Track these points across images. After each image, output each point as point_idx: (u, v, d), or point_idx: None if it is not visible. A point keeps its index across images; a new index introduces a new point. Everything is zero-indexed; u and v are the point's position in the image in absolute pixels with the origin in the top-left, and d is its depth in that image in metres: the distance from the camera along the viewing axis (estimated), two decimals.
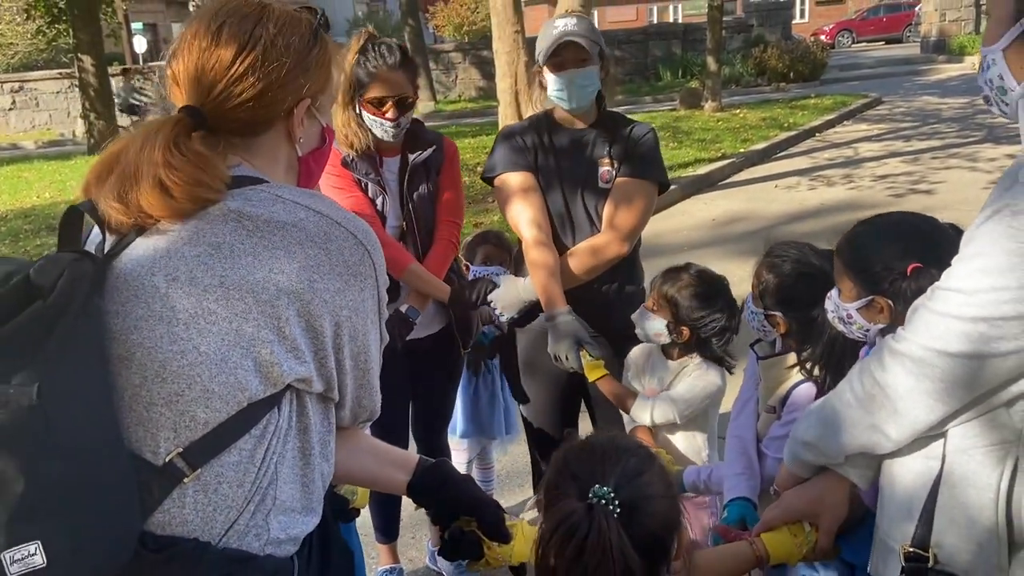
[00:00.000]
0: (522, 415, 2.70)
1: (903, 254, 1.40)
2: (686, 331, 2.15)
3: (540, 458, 2.67)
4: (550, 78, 2.31)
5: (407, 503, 2.95)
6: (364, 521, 2.42)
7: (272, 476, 1.05)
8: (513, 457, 3.36)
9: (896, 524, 1.17)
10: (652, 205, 2.39)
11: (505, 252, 2.95)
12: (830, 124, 12.04)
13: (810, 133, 11.34)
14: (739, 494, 1.83)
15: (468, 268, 2.92)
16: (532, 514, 2.43)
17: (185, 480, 1.00)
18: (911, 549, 1.12)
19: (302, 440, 1.10)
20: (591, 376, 2.23)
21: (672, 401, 2.16)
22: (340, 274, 1.07)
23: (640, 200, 2.34)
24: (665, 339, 2.18)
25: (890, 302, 1.40)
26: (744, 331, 2.08)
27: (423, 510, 2.37)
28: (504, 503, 1.72)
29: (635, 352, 2.36)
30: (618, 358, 2.35)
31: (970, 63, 19.05)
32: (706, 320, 2.13)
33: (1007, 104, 1.09)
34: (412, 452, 1.44)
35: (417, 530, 3.06)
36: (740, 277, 2.31)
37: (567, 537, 1.04)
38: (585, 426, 2.67)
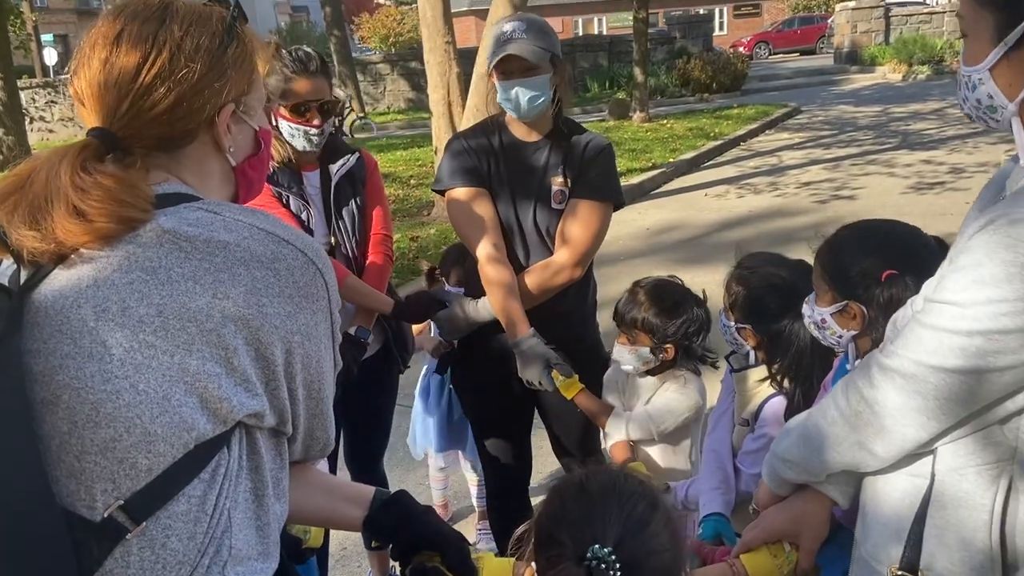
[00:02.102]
0: (473, 431, 2.63)
1: (880, 261, 1.39)
2: (670, 348, 2.11)
3: (492, 474, 2.61)
4: (498, 85, 2.22)
5: (337, 535, 2.90)
6: None
7: (226, 523, 0.95)
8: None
9: (882, 545, 1.14)
10: (607, 225, 2.33)
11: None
12: (753, 133, 12.37)
13: (735, 142, 11.62)
14: (714, 509, 1.80)
15: (443, 282, 2.86)
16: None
17: (128, 536, 0.89)
18: (899, 572, 1.08)
19: (254, 480, 1.00)
20: (568, 394, 2.18)
21: (649, 417, 2.12)
22: (290, 296, 0.97)
23: (595, 221, 2.28)
24: (654, 363, 2.14)
25: (863, 308, 1.39)
26: (722, 342, 2.06)
27: (363, 538, 2.26)
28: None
29: (612, 370, 2.31)
30: (581, 375, 2.29)
31: (881, 73, 19.91)
32: (683, 327, 2.10)
33: (997, 120, 1.08)
34: (365, 486, 1.35)
35: (363, 559, 2.95)
36: None
37: None
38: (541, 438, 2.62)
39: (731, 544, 1.68)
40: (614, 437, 2.17)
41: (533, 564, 1.07)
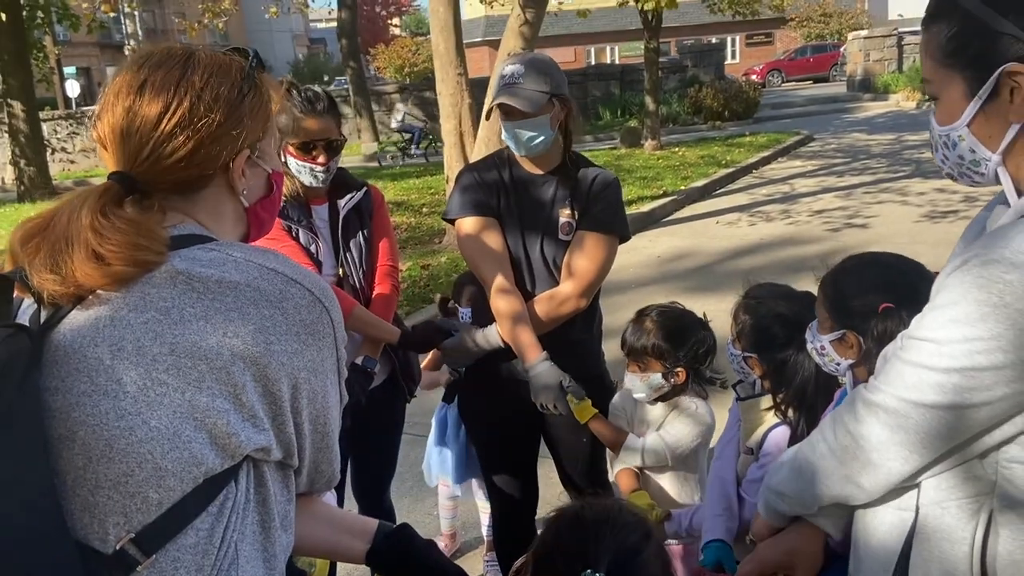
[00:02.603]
0: (480, 461, 2.65)
1: (879, 293, 1.41)
2: (682, 372, 2.14)
3: (499, 504, 2.62)
4: (502, 124, 2.28)
5: (344, 565, 2.91)
6: None
7: (233, 555, 0.98)
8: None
9: None
10: (613, 257, 2.36)
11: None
12: (766, 161, 12.39)
13: (747, 170, 11.64)
14: (716, 536, 1.81)
15: (458, 309, 2.88)
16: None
17: (139, 568, 0.92)
18: None
19: (261, 513, 1.03)
20: (582, 418, 2.20)
21: (664, 442, 2.14)
22: (297, 334, 1.01)
23: (601, 253, 2.31)
24: (666, 388, 2.16)
25: (860, 339, 1.41)
26: (730, 369, 2.09)
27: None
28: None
29: (618, 397, 2.34)
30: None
31: (895, 101, 19.94)
32: (693, 349, 2.13)
33: (982, 175, 1.11)
34: (369, 518, 1.37)
35: None
36: None
37: None
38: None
39: (731, 572, 1.69)
40: (626, 463, 2.19)
41: None
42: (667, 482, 2.22)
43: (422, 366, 2.95)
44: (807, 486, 1.21)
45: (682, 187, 10.14)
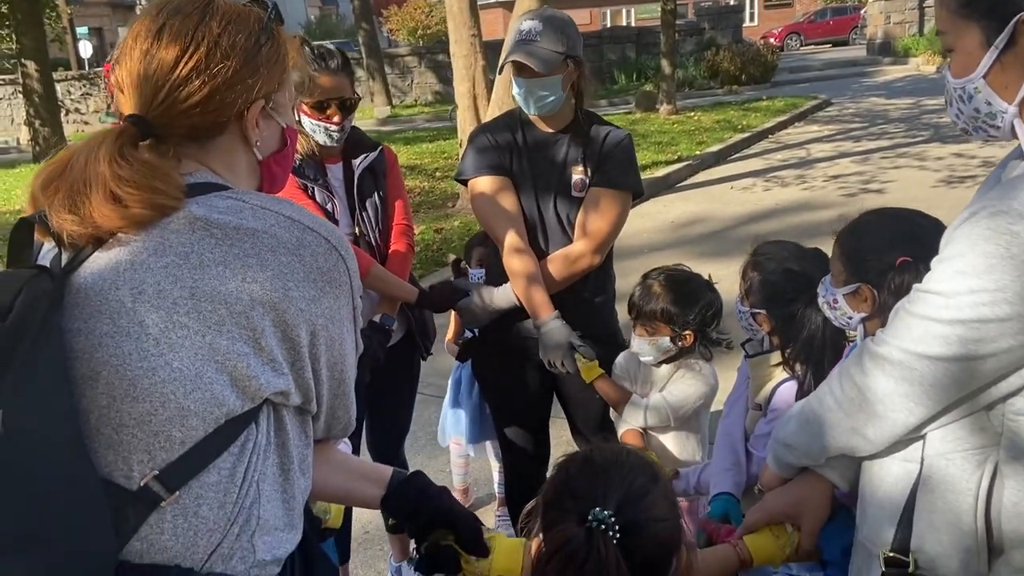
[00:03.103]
0: (493, 418, 2.69)
1: (896, 247, 1.42)
2: (690, 335, 2.15)
3: (511, 461, 2.66)
4: (512, 80, 2.28)
5: (360, 518, 2.97)
6: None
7: (254, 495, 1.02)
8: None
9: (876, 528, 1.17)
10: (626, 214, 2.37)
11: (483, 257, 2.94)
12: (782, 125, 12.24)
13: (763, 135, 11.52)
14: (724, 489, 1.84)
15: (468, 271, 2.90)
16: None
17: (163, 504, 0.96)
18: (891, 554, 1.11)
19: (281, 456, 1.06)
20: (588, 377, 2.23)
21: (667, 402, 2.17)
22: (315, 281, 1.03)
23: (614, 210, 2.32)
24: (673, 351, 2.19)
25: (875, 292, 1.42)
26: (738, 329, 2.10)
27: (384, 522, 2.30)
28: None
29: (622, 357, 2.36)
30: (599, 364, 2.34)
31: (915, 65, 19.59)
32: (701, 312, 2.14)
33: (998, 128, 1.10)
34: (384, 466, 1.40)
35: (384, 543, 3.01)
36: None
37: (565, 563, 1.01)
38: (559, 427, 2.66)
39: (737, 524, 1.72)
40: (630, 424, 2.22)
41: (541, 535, 1.12)
42: (670, 442, 2.25)
43: (447, 338, 2.98)
44: (814, 438, 1.23)
45: (697, 152, 10.05)
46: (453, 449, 3.26)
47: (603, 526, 1.02)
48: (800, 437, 1.26)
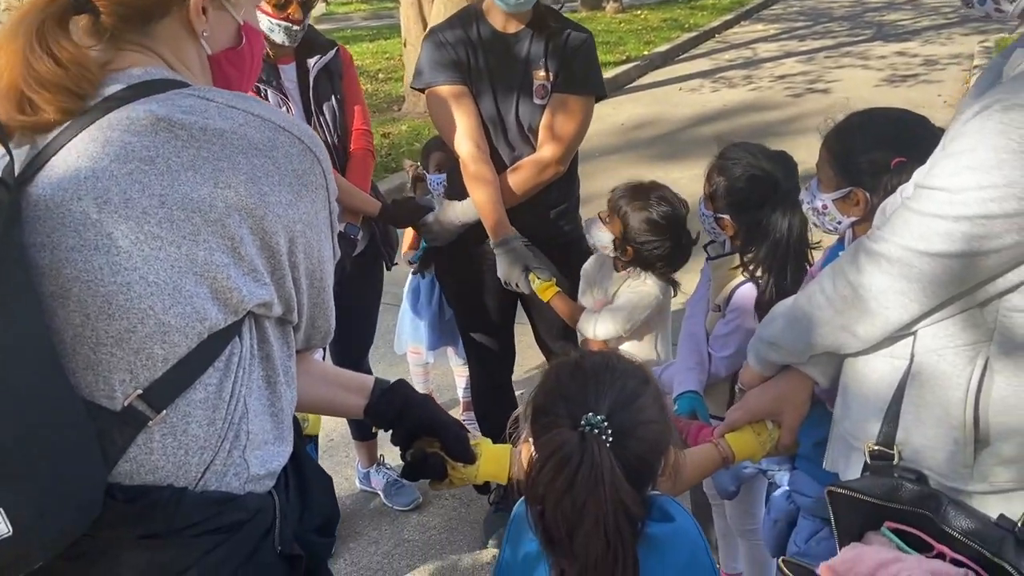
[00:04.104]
0: (457, 323, 2.68)
1: (888, 149, 1.41)
2: (630, 250, 2.13)
3: (477, 365, 2.68)
4: None
5: (324, 426, 2.98)
6: None
7: (243, 410, 0.98)
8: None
9: (860, 423, 1.19)
10: (590, 119, 2.33)
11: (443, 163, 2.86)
12: (728, 25, 12.10)
13: (710, 34, 11.37)
14: (689, 387, 1.88)
15: (425, 177, 2.82)
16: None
17: (150, 424, 0.92)
18: (876, 447, 1.14)
19: (266, 368, 1.02)
20: (544, 297, 2.24)
21: (613, 315, 2.17)
22: (290, 185, 0.97)
23: (578, 116, 2.27)
24: (610, 252, 2.17)
25: (867, 195, 1.41)
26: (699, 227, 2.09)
27: (350, 429, 2.29)
28: None
29: (590, 262, 2.35)
30: (560, 268, 2.33)
31: None
32: (651, 247, 2.11)
33: (1001, 12, 1.06)
34: (366, 375, 1.38)
35: (350, 449, 3.03)
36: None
37: (559, 469, 1.01)
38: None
39: (704, 419, 1.77)
40: (585, 333, 2.23)
41: (531, 440, 1.12)
42: (632, 349, 2.25)
43: (403, 250, 2.92)
44: (801, 336, 1.23)
45: (645, 53, 9.88)
46: (411, 358, 3.25)
47: (596, 430, 1.03)
48: (786, 335, 1.27)
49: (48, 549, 0.86)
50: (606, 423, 1.03)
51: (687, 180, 2.07)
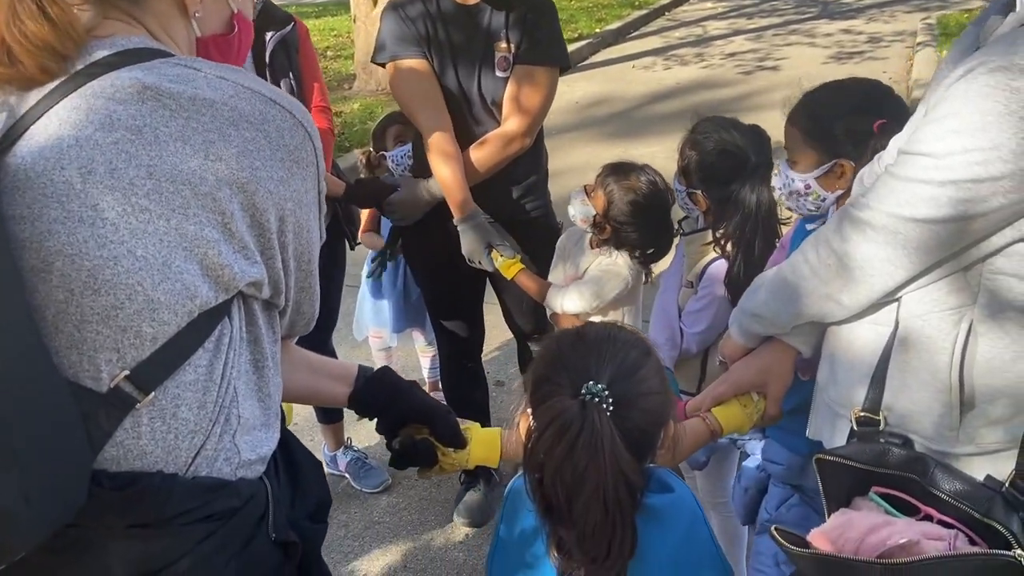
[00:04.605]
0: (425, 302, 2.65)
1: (865, 113, 1.41)
2: (608, 229, 2.12)
3: (446, 344, 2.66)
4: None
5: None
6: None
7: (233, 393, 0.95)
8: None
9: (845, 390, 1.20)
10: (555, 90, 2.31)
11: (404, 135, 2.81)
12: (678, 3, 12.14)
13: (660, 12, 11.41)
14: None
15: (384, 156, 2.76)
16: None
17: (138, 406, 0.88)
18: (862, 414, 1.15)
19: (254, 352, 0.99)
20: (508, 275, 2.22)
21: (580, 290, 2.17)
22: (282, 160, 0.93)
23: (544, 87, 2.25)
24: (587, 227, 2.16)
25: (853, 164, 1.41)
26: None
27: (316, 412, 2.23)
28: None
29: (565, 236, 2.34)
30: (524, 246, 2.31)
31: None
32: (630, 231, 2.10)
33: None
34: (349, 363, 1.35)
35: (315, 433, 2.99)
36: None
37: (559, 435, 1.00)
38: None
39: (675, 394, 1.78)
40: (553, 307, 2.22)
41: (529, 410, 1.11)
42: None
43: (361, 231, 2.87)
44: (786, 306, 1.24)
45: (597, 30, 9.87)
46: (373, 342, 3.19)
47: (597, 399, 1.02)
48: (770, 306, 1.27)
49: (30, 539, 0.82)
50: (607, 392, 1.02)
51: (646, 159, 2.06)
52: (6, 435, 0.78)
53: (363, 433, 3.04)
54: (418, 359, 3.30)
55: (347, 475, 2.89)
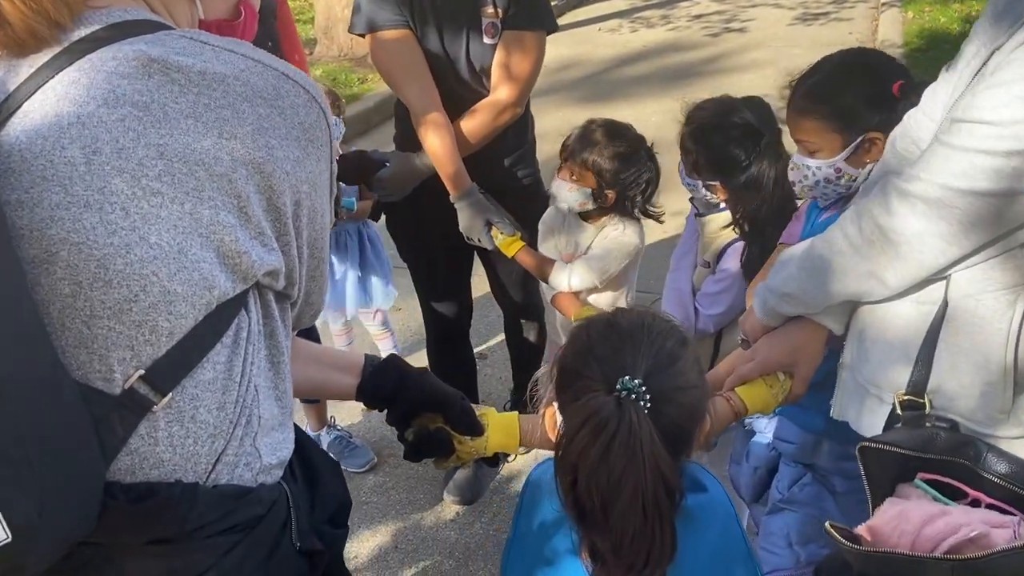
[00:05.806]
0: (412, 276, 2.56)
1: (876, 82, 1.36)
2: (611, 194, 2.05)
3: (433, 319, 2.59)
4: None
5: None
6: None
7: (254, 392, 0.87)
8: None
9: (881, 371, 1.16)
10: (544, 55, 2.22)
11: (337, 105, 2.69)
12: None
13: None
14: None
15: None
16: None
17: (154, 409, 0.79)
18: (907, 397, 1.10)
19: (270, 346, 0.91)
20: (508, 252, 2.15)
21: (588, 265, 2.10)
22: (297, 139, 0.85)
23: (533, 52, 2.16)
24: (590, 207, 2.09)
25: (881, 133, 1.36)
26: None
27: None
28: None
29: (548, 212, 2.27)
30: (520, 213, 2.23)
31: None
32: (631, 178, 2.04)
33: None
34: (355, 353, 1.27)
35: (297, 412, 2.90)
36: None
37: (593, 436, 0.93)
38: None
39: None
40: (559, 286, 2.16)
41: (555, 403, 1.05)
42: (603, 301, 2.20)
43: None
44: (819, 284, 1.18)
45: None
46: (331, 322, 2.98)
47: (633, 395, 0.95)
48: (801, 284, 1.21)
49: (46, 556, 0.75)
50: (644, 387, 0.95)
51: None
52: (17, 445, 0.70)
53: (347, 411, 2.96)
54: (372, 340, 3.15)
55: (332, 455, 2.81)
